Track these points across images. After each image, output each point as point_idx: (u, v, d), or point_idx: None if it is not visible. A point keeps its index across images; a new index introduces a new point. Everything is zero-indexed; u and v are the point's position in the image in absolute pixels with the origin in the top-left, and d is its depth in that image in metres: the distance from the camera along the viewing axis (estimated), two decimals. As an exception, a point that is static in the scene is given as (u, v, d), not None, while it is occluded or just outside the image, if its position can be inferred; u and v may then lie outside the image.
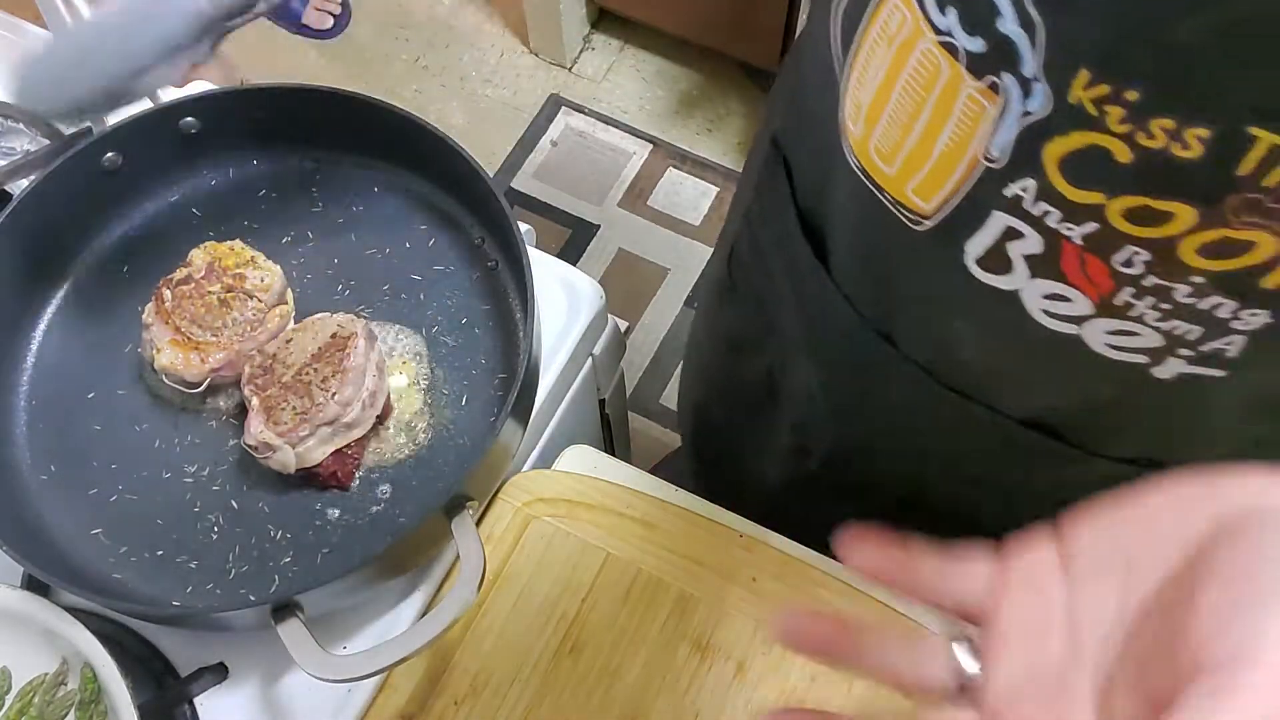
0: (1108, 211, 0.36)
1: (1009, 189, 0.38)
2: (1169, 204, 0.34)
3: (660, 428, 1.53)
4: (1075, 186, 0.36)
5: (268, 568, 0.59)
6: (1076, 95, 0.33)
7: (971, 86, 0.37)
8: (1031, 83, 0.34)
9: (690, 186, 1.71)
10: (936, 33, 0.37)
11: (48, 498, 0.61)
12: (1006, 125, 0.36)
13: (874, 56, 0.42)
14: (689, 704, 0.59)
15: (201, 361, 0.60)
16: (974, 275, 0.43)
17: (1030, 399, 0.52)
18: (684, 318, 1.60)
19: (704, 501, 0.65)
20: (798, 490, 0.79)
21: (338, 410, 0.58)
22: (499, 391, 0.63)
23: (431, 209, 0.68)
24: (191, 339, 0.60)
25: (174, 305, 0.61)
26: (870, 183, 0.46)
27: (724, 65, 1.79)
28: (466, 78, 1.82)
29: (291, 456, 0.57)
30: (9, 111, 0.75)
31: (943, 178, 0.41)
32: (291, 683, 0.60)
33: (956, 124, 0.39)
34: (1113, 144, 0.34)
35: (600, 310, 0.70)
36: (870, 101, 0.43)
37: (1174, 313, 0.38)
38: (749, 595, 0.62)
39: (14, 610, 0.55)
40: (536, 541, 0.64)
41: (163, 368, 0.61)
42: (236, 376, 0.62)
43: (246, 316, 0.61)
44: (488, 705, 0.59)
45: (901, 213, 0.45)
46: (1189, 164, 0.33)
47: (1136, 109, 0.33)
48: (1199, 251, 0.35)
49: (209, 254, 0.63)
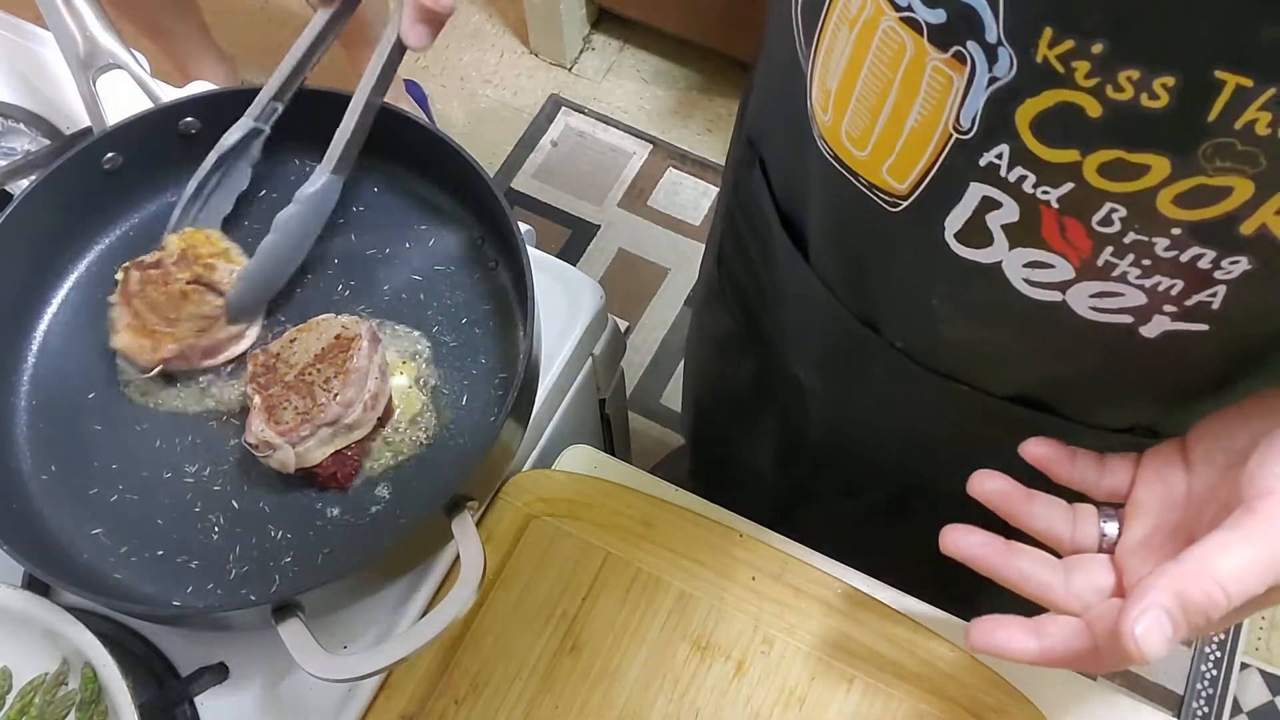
0: (1084, 169, 0.36)
1: (983, 158, 0.38)
2: (1143, 156, 0.35)
3: (660, 428, 1.53)
4: (1049, 146, 0.36)
5: (268, 568, 0.59)
6: (1042, 54, 0.34)
7: (936, 59, 0.37)
8: (996, 48, 0.35)
9: (690, 186, 1.71)
10: (897, 9, 0.37)
11: (48, 498, 0.61)
12: (974, 94, 0.37)
13: (837, 42, 0.42)
14: (689, 704, 0.59)
15: (153, 350, 0.61)
16: (954, 252, 0.43)
17: (1017, 373, 0.52)
18: (684, 318, 1.60)
19: (704, 501, 0.66)
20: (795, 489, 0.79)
21: (339, 411, 0.58)
22: (499, 391, 0.63)
23: (431, 209, 0.68)
24: (147, 326, 0.61)
25: (138, 289, 0.61)
26: (844, 169, 0.46)
27: (724, 65, 1.79)
28: (466, 77, 1.82)
29: (291, 456, 0.58)
30: (9, 111, 0.76)
31: (916, 155, 0.41)
32: (292, 682, 0.60)
33: (924, 99, 0.39)
34: (1082, 99, 0.34)
35: (600, 310, 0.70)
36: (837, 87, 0.43)
37: (1155, 268, 0.39)
38: (749, 595, 0.62)
39: (14, 610, 0.55)
40: (536, 541, 0.64)
41: (117, 349, 0.62)
42: (190, 366, 0.63)
43: (203, 312, 0.62)
44: (488, 705, 0.60)
45: (877, 196, 0.45)
46: (1159, 113, 0.33)
47: (1102, 62, 0.33)
48: (1175, 201, 0.36)
49: (184, 240, 0.63)
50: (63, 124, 0.76)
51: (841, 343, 0.58)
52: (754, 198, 0.61)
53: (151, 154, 0.67)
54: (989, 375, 0.53)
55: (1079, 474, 0.46)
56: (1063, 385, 0.52)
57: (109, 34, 0.67)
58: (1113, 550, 0.44)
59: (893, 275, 0.51)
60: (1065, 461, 0.46)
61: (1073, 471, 0.46)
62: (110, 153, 0.65)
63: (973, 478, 0.46)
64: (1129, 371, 0.48)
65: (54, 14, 0.66)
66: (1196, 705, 1.33)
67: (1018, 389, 0.53)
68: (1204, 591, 0.35)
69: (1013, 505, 0.45)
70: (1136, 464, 0.45)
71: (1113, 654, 0.37)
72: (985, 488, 0.46)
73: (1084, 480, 0.46)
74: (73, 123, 0.76)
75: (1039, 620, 0.41)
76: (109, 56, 0.66)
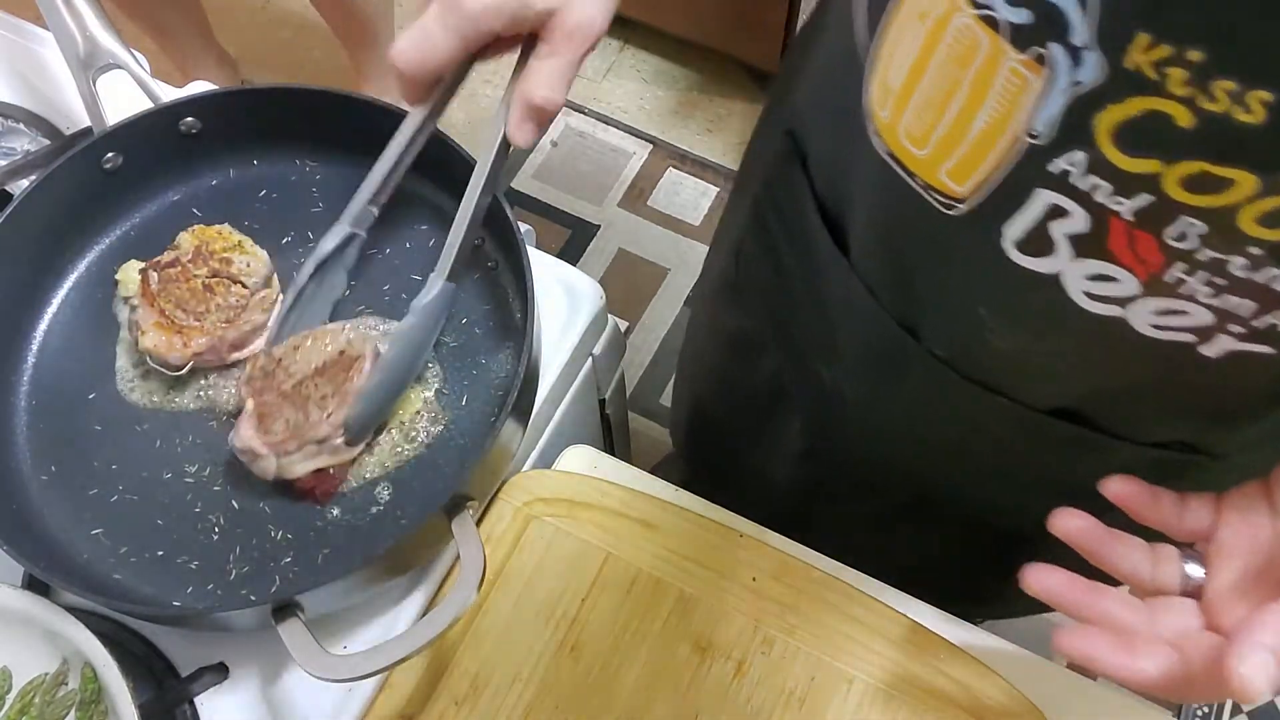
0: (1164, 181, 0.35)
1: (1055, 164, 0.37)
2: (1229, 170, 0.33)
3: (660, 428, 1.53)
4: (1130, 155, 0.35)
5: (268, 568, 0.59)
6: (1134, 60, 0.32)
7: (1014, 60, 0.36)
8: (1082, 51, 0.33)
9: (690, 186, 1.71)
10: (975, 6, 0.36)
11: (48, 498, 0.61)
12: (1053, 98, 0.35)
13: (904, 36, 0.41)
14: (689, 704, 0.59)
15: (184, 345, 0.61)
16: (1011, 260, 0.42)
17: (1062, 387, 0.51)
18: (684, 318, 1.60)
19: (704, 501, 0.65)
20: (805, 491, 0.78)
21: (329, 431, 0.57)
22: (499, 391, 0.63)
23: (432, 209, 0.68)
24: (175, 322, 0.61)
25: (160, 288, 0.61)
26: (900, 168, 0.45)
27: (724, 65, 1.79)
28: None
29: (273, 466, 0.57)
30: (9, 111, 0.76)
31: (980, 158, 0.40)
32: (292, 682, 0.60)
33: (996, 100, 0.37)
34: (1173, 108, 0.33)
35: (600, 310, 0.70)
36: (901, 83, 0.42)
37: (1228, 287, 0.37)
38: (749, 595, 0.62)
39: (14, 610, 0.55)
40: (536, 541, 0.64)
41: (146, 349, 0.62)
42: (220, 361, 0.63)
43: (230, 302, 0.62)
44: (488, 705, 0.59)
45: (933, 197, 0.43)
46: (1251, 129, 0.32)
47: (1198, 71, 0.31)
48: (1259, 220, 0.34)
49: (197, 237, 0.63)
50: (63, 124, 0.76)
51: (876, 347, 0.57)
52: (791, 194, 0.59)
53: (152, 154, 0.67)
54: (1031, 388, 0.51)
55: (1162, 514, 0.44)
56: (1108, 400, 0.50)
57: (109, 34, 0.67)
58: (1196, 593, 0.43)
59: (941, 280, 0.49)
60: (1148, 501, 0.44)
61: (1156, 512, 0.44)
62: (110, 153, 0.65)
63: (1054, 516, 0.44)
64: (1181, 390, 0.46)
65: (54, 14, 0.66)
66: (1197, 705, 1.33)
67: (1059, 403, 0.51)
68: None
69: (1095, 544, 0.44)
70: (1217, 505, 0.43)
71: (1208, 687, 0.37)
72: (1067, 526, 0.44)
73: (1165, 521, 0.44)
74: (73, 123, 0.76)
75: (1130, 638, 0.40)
76: (109, 56, 0.66)
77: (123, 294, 0.65)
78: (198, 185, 0.70)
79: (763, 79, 1.77)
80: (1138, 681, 0.39)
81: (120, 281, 0.65)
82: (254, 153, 0.70)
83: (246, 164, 0.70)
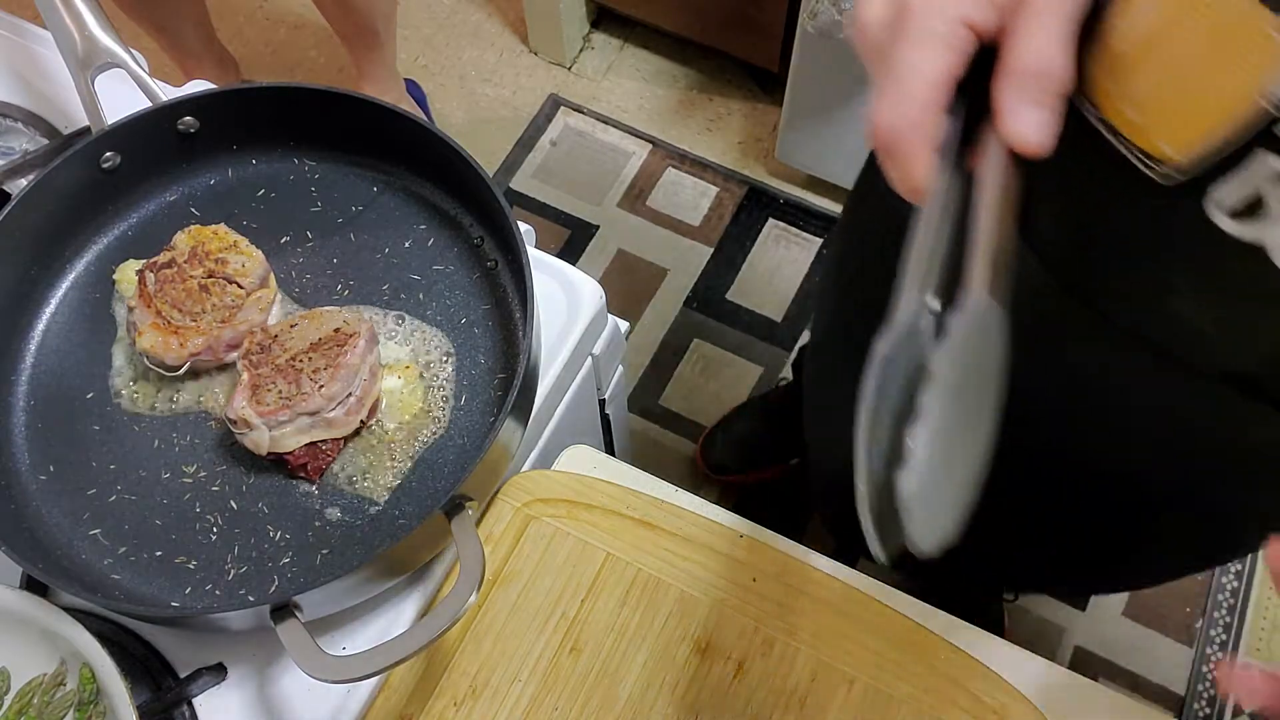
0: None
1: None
2: None
3: (660, 428, 1.53)
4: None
5: (266, 568, 0.59)
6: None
7: (1271, 25, 0.34)
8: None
9: (690, 186, 1.71)
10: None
11: (47, 498, 0.60)
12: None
13: (1141, 2, 0.39)
14: (689, 704, 0.59)
15: (180, 346, 0.61)
16: (1216, 225, 0.41)
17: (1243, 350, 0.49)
18: (683, 318, 1.60)
19: (704, 501, 0.65)
20: None
21: (321, 403, 0.58)
22: (499, 391, 0.63)
23: (431, 209, 0.68)
24: (172, 323, 0.61)
25: (156, 289, 0.62)
26: (1109, 132, 0.43)
27: (724, 65, 1.79)
28: (466, 77, 1.82)
29: (266, 438, 0.58)
30: (7, 111, 0.75)
31: (1209, 123, 0.38)
32: (290, 683, 0.60)
33: (1239, 66, 0.36)
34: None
35: (600, 310, 0.70)
36: (1134, 47, 0.40)
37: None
38: (749, 596, 0.62)
39: (13, 610, 0.55)
40: (536, 541, 0.64)
41: (143, 350, 0.62)
42: (217, 361, 0.63)
43: (226, 303, 0.62)
44: (488, 706, 0.59)
45: (1144, 162, 0.42)
46: None
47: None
48: None
49: (193, 238, 0.63)
50: (61, 123, 0.76)
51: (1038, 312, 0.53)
52: None
53: (150, 153, 0.67)
54: (1208, 351, 0.49)
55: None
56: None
57: (107, 33, 0.67)
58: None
59: (1129, 244, 0.47)
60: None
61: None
62: (109, 152, 0.65)
63: (1273, 544, 0.41)
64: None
65: (53, 13, 0.66)
66: (1198, 706, 1.33)
67: (1236, 368, 0.49)
68: None
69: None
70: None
71: None
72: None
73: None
74: (71, 122, 0.76)
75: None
76: (107, 56, 0.66)
77: (121, 294, 0.65)
78: (196, 184, 0.70)
79: (763, 79, 1.77)
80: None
81: (118, 281, 0.65)
82: (253, 152, 0.70)
83: (245, 163, 0.70)
